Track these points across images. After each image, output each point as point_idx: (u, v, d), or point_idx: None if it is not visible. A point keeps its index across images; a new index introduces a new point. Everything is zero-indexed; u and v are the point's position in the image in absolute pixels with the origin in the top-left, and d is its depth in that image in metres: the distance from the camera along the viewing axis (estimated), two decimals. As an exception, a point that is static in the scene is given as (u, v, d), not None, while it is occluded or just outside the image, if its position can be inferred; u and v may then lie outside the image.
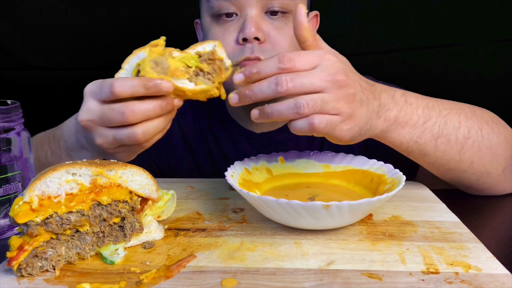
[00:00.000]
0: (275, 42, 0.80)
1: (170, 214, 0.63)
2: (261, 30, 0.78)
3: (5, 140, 0.62)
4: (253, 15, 0.79)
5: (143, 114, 0.56)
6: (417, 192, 0.73)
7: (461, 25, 1.19)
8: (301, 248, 0.54)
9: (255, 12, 0.79)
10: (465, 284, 0.46)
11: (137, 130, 0.57)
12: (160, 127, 0.59)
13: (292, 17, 0.81)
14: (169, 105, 0.58)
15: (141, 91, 0.56)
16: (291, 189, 0.70)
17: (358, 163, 0.71)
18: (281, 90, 0.53)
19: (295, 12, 0.58)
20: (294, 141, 0.95)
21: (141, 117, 0.56)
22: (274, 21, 0.81)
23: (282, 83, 0.53)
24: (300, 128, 0.55)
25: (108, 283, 0.47)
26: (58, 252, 0.51)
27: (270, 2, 0.79)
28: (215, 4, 0.80)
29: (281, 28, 0.81)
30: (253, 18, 0.78)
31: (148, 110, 0.57)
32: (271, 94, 0.54)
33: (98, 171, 0.52)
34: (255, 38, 0.78)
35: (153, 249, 0.55)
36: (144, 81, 0.56)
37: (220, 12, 0.80)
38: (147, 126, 0.58)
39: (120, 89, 0.56)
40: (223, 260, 0.52)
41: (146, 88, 0.55)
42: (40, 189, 0.50)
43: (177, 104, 0.59)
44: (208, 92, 0.60)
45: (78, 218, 0.51)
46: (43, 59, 1.29)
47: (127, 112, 0.56)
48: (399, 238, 0.57)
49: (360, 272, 0.49)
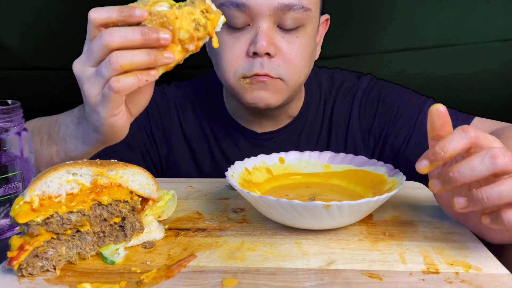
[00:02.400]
0: (286, 58, 0.80)
1: (170, 214, 0.63)
2: (272, 45, 0.78)
3: (5, 140, 0.62)
4: (265, 29, 0.77)
5: (121, 36, 0.53)
6: (417, 192, 0.73)
7: (461, 25, 1.19)
8: (302, 248, 0.55)
9: (267, 26, 0.78)
10: (466, 284, 0.46)
11: (114, 55, 0.53)
12: (139, 62, 0.54)
13: (304, 30, 0.80)
14: (151, 32, 0.53)
15: (115, 14, 0.54)
16: (291, 189, 0.70)
17: (358, 163, 0.71)
18: (501, 164, 0.46)
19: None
20: (295, 141, 0.95)
21: (118, 38, 0.53)
22: (286, 35, 0.80)
23: (499, 156, 0.46)
24: None
25: (109, 283, 0.47)
26: (58, 252, 0.51)
27: (283, 16, 0.78)
28: (228, 13, 0.78)
29: (292, 43, 0.80)
30: (265, 32, 0.77)
31: (127, 32, 0.53)
32: (486, 172, 0.47)
33: (98, 171, 0.53)
34: (266, 53, 0.77)
35: (153, 249, 0.55)
36: (119, 7, 0.54)
37: (232, 22, 0.79)
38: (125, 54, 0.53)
39: (96, 14, 0.55)
40: (224, 260, 0.52)
41: (120, 11, 0.54)
42: (41, 189, 0.50)
43: (162, 38, 0.53)
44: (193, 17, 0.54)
45: (79, 218, 0.51)
46: (43, 59, 1.29)
47: (105, 34, 0.53)
48: (399, 238, 0.57)
49: (361, 272, 0.49)
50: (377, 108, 0.94)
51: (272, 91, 0.81)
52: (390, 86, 0.97)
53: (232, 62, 0.81)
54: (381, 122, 0.94)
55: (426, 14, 1.19)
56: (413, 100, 0.94)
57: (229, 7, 0.78)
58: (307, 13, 0.79)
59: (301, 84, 0.86)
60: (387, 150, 0.93)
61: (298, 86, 0.85)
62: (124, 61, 0.53)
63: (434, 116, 0.53)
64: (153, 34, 0.53)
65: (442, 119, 0.52)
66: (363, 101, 0.96)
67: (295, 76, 0.82)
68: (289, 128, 0.96)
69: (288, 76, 0.81)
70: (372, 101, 0.95)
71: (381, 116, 0.94)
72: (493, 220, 0.48)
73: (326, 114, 0.97)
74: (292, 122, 0.96)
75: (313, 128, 0.97)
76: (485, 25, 1.18)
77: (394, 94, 0.94)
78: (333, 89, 0.98)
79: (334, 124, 0.96)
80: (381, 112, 0.94)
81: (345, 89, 0.97)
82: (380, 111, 0.94)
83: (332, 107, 0.97)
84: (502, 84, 1.25)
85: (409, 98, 0.94)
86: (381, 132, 0.94)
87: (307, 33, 0.82)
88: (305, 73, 0.85)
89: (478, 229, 0.56)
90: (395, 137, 0.92)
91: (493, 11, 1.17)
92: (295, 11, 0.77)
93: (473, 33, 1.19)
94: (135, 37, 0.53)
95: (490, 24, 1.18)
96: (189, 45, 0.56)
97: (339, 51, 1.23)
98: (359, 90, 0.96)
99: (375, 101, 0.95)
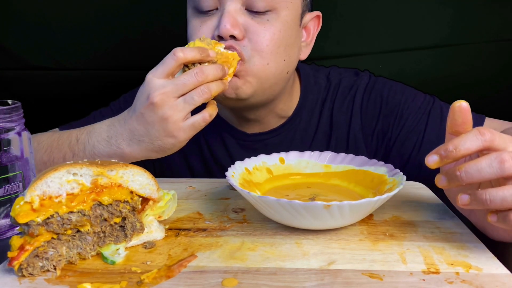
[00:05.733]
0: (253, 39, 0.75)
1: (171, 214, 0.63)
2: (237, 26, 0.74)
3: (6, 140, 0.62)
4: (231, 10, 0.74)
5: (210, 72, 0.68)
6: (417, 192, 0.73)
7: (461, 25, 1.19)
8: (302, 248, 0.55)
9: (234, 7, 0.74)
10: (466, 284, 0.46)
11: (209, 86, 0.68)
12: (219, 89, 0.69)
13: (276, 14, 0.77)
14: (225, 68, 0.71)
15: (198, 55, 0.68)
16: (291, 189, 0.70)
17: (358, 163, 0.71)
18: (509, 168, 0.46)
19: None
20: (288, 144, 0.92)
21: (209, 75, 0.68)
22: (256, 17, 0.76)
23: (508, 161, 0.46)
24: None
25: (109, 283, 0.47)
26: (59, 252, 0.51)
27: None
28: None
29: (261, 24, 0.76)
30: (230, 12, 0.74)
31: (213, 70, 0.68)
32: (493, 175, 0.47)
33: (99, 171, 0.52)
34: (231, 36, 0.74)
35: (154, 249, 0.55)
36: (198, 48, 0.69)
37: (200, 5, 0.77)
38: (211, 85, 0.68)
39: (182, 54, 0.67)
40: (224, 260, 0.52)
41: (201, 52, 0.68)
42: (41, 189, 0.50)
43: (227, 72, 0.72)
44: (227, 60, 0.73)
45: (79, 218, 0.51)
46: (43, 59, 1.29)
47: (198, 72, 0.67)
48: (400, 238, 0.57)
49: (361, 272, 0.49)
50: (380, 109, 0.90)
51: (238, 76, 0.77)
52: (391, 84, 0.92)
53: None
54: (385, 123, 0.89)
55: (426, 14, 1.19)
56: (417, 99, 0.89)
57: None
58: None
59: (272, 75, 0.79)
60: (394, 154, 0.89)
61: (266, 75, 0.78)
62: (214, 88, 0.69)
63: (457, 112, 0.51)
64: (225, 69, 0.71)
65: (464, 116, 0.51)
66: (365, 101, 0.91)
67: (262, 61, 0.76)
68: (281, 130, 0.92)
69: (253, 58, 0.76)
70: (374, 101, 0.90)
71: (385, 117, 0.89)
72: (500, 219, 0.48)
73: (324, 115, 0.93)
74: (284, 124, 0.92)
75: (308, 130, 0.93)
76: (485, 25, 1.18)
77: (398, 94, 0.90)
78: (331, 88, 0.94)
79: (335, 125, 0.92)
80: (385, 113, 0.89)
81: (343, 89, 0.93)
82: (383, 112, 0.90)
83: (332, 108, 0.92)
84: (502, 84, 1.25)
85: (414, 97, 0.89)
86: (385, 135, 0.90)
87: (281, 18, 0.77)
88: (276, 62, 0.78)
89: (482, 224, 0.56)
90: (404, 141, 0.88)
91: (492, 11, 1.17)
92: None
93: (473, 33, 1.19)
94: (219, 72, 0.70)
95: (490, 24, 1.18)
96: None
97: (339, 51, 1.23)
98: (359, 89, 0.92)
99: (377, 101, 0.90)
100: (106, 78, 1.29)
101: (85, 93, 1.33)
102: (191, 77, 0.67)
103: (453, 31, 1.19)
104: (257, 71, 0.77)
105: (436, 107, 0.89)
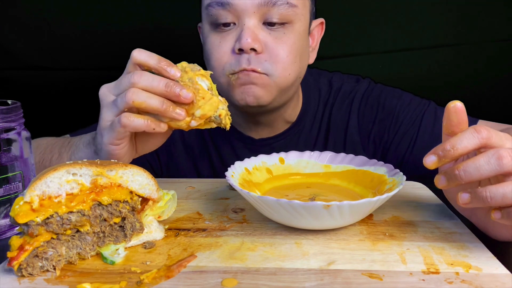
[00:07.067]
0: (272, 53, 0.79)
1: (170, 214, 0.63)
2: (257, 41, 0.78)
3: (5, 140, 0.62)
4: (251, 26, 0.78)
5: (147, 80, 0.59)
6: (417, 192, 0.73)
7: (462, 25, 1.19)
8: (302, 248, 0.54)
9: (253, 22, 0.78)
10: (466, 284, 0.46)
11: (131, 90, 0.58)
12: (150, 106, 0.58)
13: (292, 27, 0.80)
14: (175, 87, 0.58)
15: (153, 61, 0.60)
16: (291, 189, 0.70)
17: (358, 163, 0.71)
18: (507, 165, 0.46)
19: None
20: (292, 147, 0.93)
21: (145, 81, 0.58)
22: (273, 31, 0.80)
23: (506, 157, 0.46)
24: None
25: (109, 283, 0.47)
26: (58, 252, 0.51)
27: (268, 12, 0.78)
28: (213, 13, 0.79)
29: (279, 38, 0.80)
30: (250, 28, 0.78)
31: (154, 80, 0.59)
32: (492, 172, 0.47)
33: (98, 171, 0.52)
34: (251, 49, 0.77)
35: (153, 249, 0.55)
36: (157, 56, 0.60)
37: (218, 21, 0.80)
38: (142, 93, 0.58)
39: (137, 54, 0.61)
40: (224, 260, 0.52)
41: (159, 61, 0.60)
42: (41, 189, 0.50)
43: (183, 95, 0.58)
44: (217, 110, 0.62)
45: (79, 218, 0.51)
46: (43, 59, 1.29)
47: (136, 74, 0.59)
48: (400, 238, 0.57)
49: (361, 272, 0.49)
50: (376, 113, 0.93)
51: (260, 87, 0.80)
52: (389, 89, 0.96)
53: (219, 60, 0.81)
54: (381, 127, 0.93)
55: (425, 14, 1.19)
56: (413, 103, 0.93)
57: (214, 6, 0.79)
58: (293, 10, 0.79)
59: (291, 83, 0.84)
60: (390, 156, 0.92)
61: (287, 84, 0.83)
62: (138, 99, 0.58)
63: (452, 113, 0.52)
64: (177, 89, 0.58)
65: (459, 116, 0.51)
66: (362, 105, 0.95)
67: (284, 73, 0.81)
68: (286, 134, 0.95)
69: (275, 72, 0.80)
70: (371, 106, 0.94)
71: (381, 121, 0.93)
72: (505, 216, 0.48)
73: (324, 119, 0.97)
74: (289, 129, 0.95)
75: (311, 134, 0.97)
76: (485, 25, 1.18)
77: (394, 99, 0.93)
78: (331, 93, 0.97)
79: (332, 128, 0.96)
80: (381, 117, 0.93)
81: (343, 93, 0.97)
82: (380, 116, 0.93)
83: (330, 112, 0.96)
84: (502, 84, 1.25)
85: (409, 102, 0.93)
86: (382, 138, 0.93)
87: (295, 30, 0.81)
88: (295, 71, 0.83)
89: (484, 224, 0.56)
90: (399, 142, 0.91)
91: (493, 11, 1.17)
92: (280, 7, 0.78)
93: (473, 33, 1.19)
94: (159, 86, 0.59)
95: (490, 24, 1.18)
96: (195, 122, 0.61)
97: (339, 51, 1.23)
98: (358, 94, 0.96)
99: (374, 105, 0.94)
100: (106, 78, 1.29)
101: (85, 93, 1.33)
102: (125, 78, 0.61)
103: (453, 31, 1.19)
104: (280, 82, 0.82)
105: (430, 110, 0.91)
